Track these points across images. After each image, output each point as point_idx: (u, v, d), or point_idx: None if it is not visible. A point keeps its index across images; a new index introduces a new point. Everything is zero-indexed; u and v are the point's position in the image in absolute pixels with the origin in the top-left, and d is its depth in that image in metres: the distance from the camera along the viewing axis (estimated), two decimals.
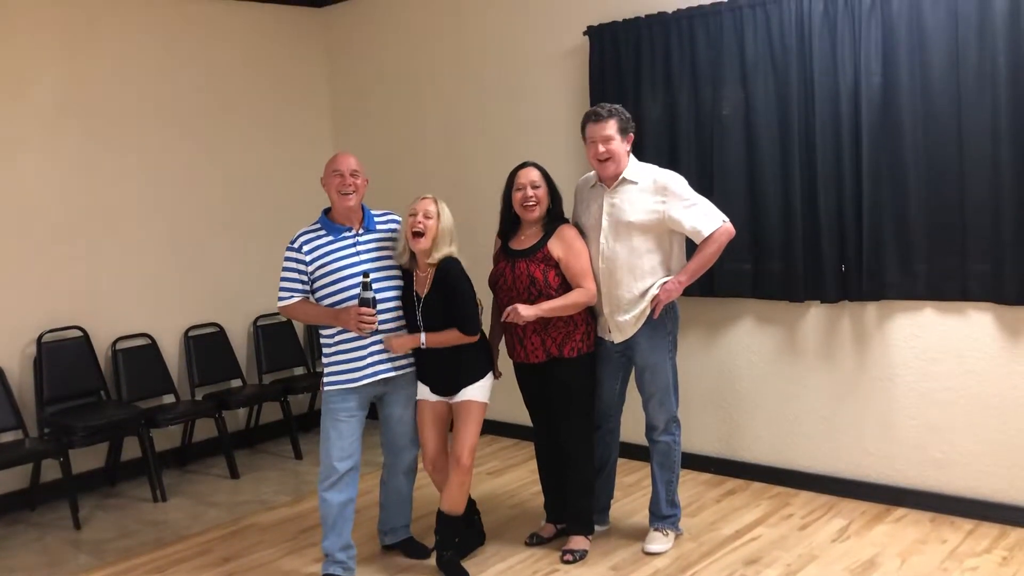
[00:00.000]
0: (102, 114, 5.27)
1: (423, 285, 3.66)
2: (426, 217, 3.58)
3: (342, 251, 3.65)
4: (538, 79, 5.31)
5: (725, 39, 4.44)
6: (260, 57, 6.08)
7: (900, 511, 4.18)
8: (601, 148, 3.69)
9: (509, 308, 3.63)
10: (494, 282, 3.82)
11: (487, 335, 3.86)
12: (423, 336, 3.62)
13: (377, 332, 3.62)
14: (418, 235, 3.57)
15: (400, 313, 3.70)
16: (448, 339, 3.63)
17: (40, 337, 4.95)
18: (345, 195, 3.65)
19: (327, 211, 3.75)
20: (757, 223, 4.43)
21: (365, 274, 3.52)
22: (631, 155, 3.79)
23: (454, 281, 3.62)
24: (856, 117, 4.11)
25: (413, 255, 3.68)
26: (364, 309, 3.48)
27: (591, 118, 3.74)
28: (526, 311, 3.60)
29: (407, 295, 3.69)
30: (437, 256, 3.60)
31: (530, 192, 3.72)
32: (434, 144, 5.86)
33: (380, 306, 3.57)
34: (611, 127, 3.68)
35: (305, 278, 3.65)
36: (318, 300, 3.67)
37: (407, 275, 3.73)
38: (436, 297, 3.62)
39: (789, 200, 4.32)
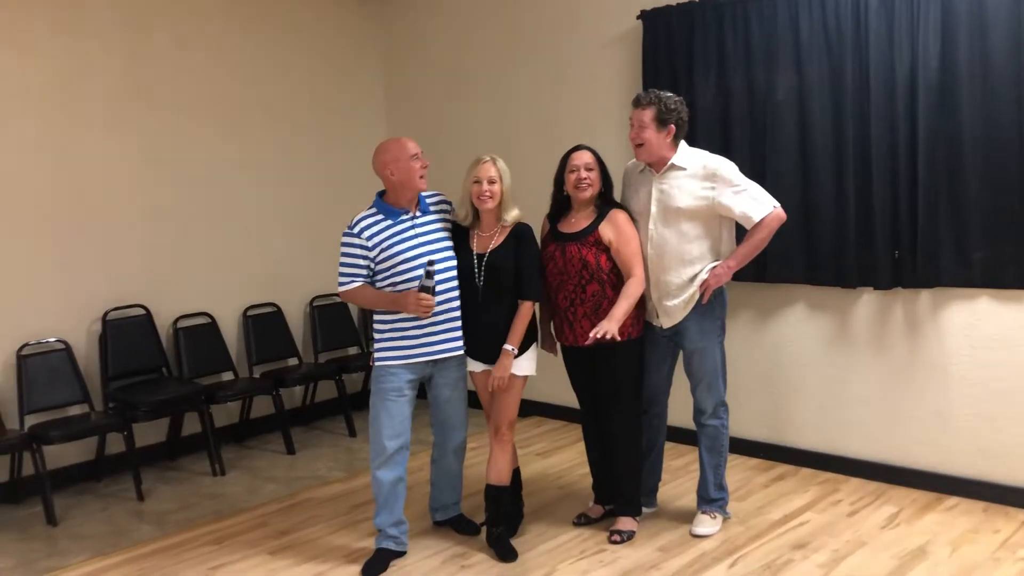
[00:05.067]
0: (164, 99, 5.40)
1: (487, 243, 3.72)
2: (490, 183, 3.66)
3: (401, 234, 3.68)
4: (590, 64, 5.32)
5: (779, 23, 4.41)
6: (316, 43, 6.17)
7: (952, 500, 4.15)
8: (633, 132, 3.72)
9: (598, 331, 3.59)
10: (543, 264, 3.85)
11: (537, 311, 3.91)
12: (508, 346, 3.66)
13: (438, 302, 3.65)
14: (485, 199, 3.67)
15: (457, 293, 3.74)
16: (522, 324, 3.68)
17: (105, 315, 5.12)
18: (423, 178, 3.70)
19: (381, 194, 3.79)
20: (810, 208, 4.41)
21: (430, 262, 3.57)
22: (682, 142, 3.79)
23: (529, 244, 3.73)
24: (912, 102, 4.06)
25: (476, 216, 3.76)
26: (423, 295, 3.54)
27: (633, 101, 3.77)
28: (610, 325, 3.60)
29: (464, 258, 3.75)
30: (509, 218, 3.71)
31: (584, 174, 3.75)
32: (486, 129, 5.91)
33: (440, 287, 3.63)
34: (647, 115, 3.69)
35: (365, 263, 3.66)
36: (377, 284, 3.71)
37: (463, 233, 3.80)
38: (504, 255, 3.69)
39: (843, 185, 4.29)
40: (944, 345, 4.18)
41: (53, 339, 4.95)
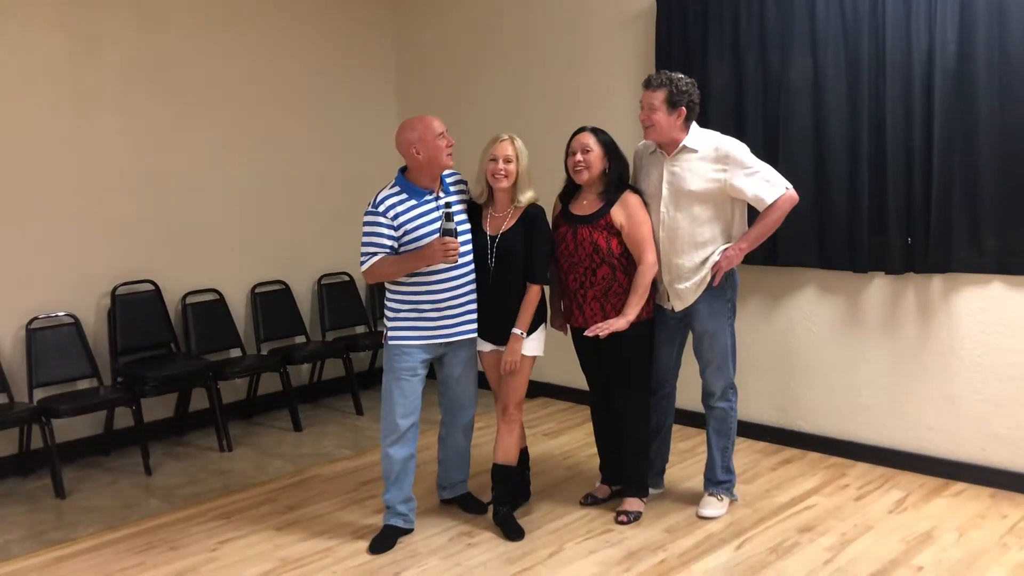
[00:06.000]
0: (173, 76, 5.38)
1: (499, 224, 3.71)
2: (506, 162, 3.64)
3: (427, 215, 3.63)
4: (604, 45, 5.28)
5: (796, 6, 4.37)
6: (328, 23, 6.14)
7: (959, 485, 4.15)
8: (643, 114, 3.69)
9: (602, 327, 3.66)
10: (554, 246, 3.84)
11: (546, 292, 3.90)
12: (517, 330, 3.67)
13: (457, 284, 3.65)
14: (499, 178, 3.65)
15: (474, 276, 3.73)
16: (530, 308, 3.69)
17: (114, 289, 5.12)
18: (449, 156, 3.66)
19: (403, 170, 3.72)
20: (823, 192, 4.38)
21: (448, 204, 3.56)
22: (694, 124, 3.76)
23: (541, 227, 3.71)
24: (929, 87, 4.02)
25: (491, 194, 3.75)
26: (447, 239, 3.50)
27: (644, 83, 3.74)
28: (619, 323, 3.65)
29: (477, 239, 3.73)
30: (523, 199, 3.69)
31: (579, 157, 3.72)
32: (498, 110, 5.88)
33: (459, 271, 3.62)
34: (658, 96, 3.65)
35: (390, 241, 3.60)
36: None
37: (476, 213, 3.78)
38: (515, 237, 3.68)
39: (856, 169, 4.26)
40: (955, 331, 4.16)
41: (62, 313, 4.96)
